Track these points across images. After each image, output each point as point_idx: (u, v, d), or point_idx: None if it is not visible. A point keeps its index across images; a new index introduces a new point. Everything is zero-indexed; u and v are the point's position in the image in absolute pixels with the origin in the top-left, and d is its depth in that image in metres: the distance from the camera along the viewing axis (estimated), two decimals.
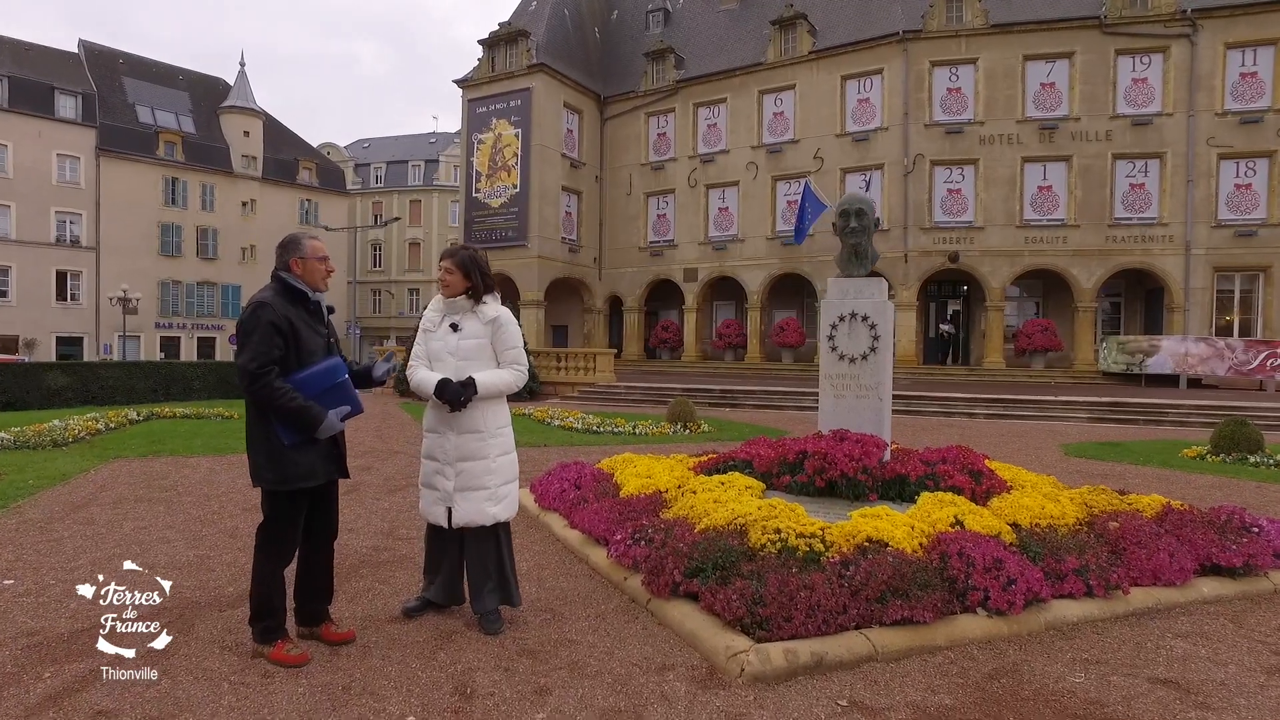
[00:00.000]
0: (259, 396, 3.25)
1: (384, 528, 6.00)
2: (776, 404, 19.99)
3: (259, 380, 3.21)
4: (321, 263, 3.55)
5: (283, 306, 3.35)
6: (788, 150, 31.37)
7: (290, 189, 48.84)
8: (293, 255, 3.48)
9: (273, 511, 3.42)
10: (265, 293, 3.39)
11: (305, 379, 3.33)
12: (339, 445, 3.56)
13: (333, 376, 3.42)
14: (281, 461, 3.32)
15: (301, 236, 3.56)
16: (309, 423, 3.29)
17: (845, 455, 5.34)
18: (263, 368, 3.22)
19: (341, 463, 3.59)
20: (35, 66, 40.41)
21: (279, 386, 3.23)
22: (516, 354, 3.82)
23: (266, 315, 3.28)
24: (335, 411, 3.38)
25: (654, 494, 5.52)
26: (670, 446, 11.61)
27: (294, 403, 3.25)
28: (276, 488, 3.35)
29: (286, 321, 3.31)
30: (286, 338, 3.31)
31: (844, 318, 6.00)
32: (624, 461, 6.83)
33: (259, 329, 3.26)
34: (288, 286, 3.44)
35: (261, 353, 3.23)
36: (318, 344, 3.45)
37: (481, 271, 3.81)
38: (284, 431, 3.30)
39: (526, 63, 32.68)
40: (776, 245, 31.55)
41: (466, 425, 3.72)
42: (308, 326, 3.43)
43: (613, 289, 36.10)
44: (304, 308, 3.45)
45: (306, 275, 3.49)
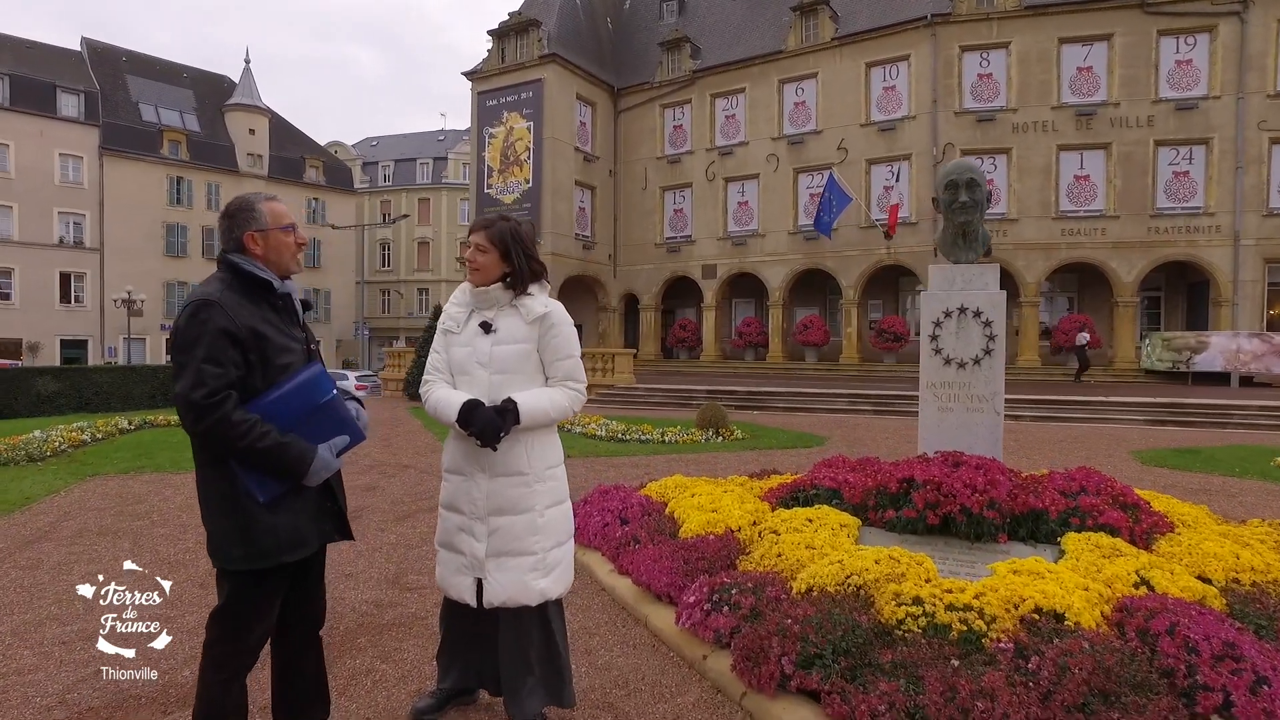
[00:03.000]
0: (213, 438, 2.18)
1: (389, 572, 4.94)
2: (807, 406, 18.88)
3: (209, 415, 2.14)
4: (288, 233, 2.44)
5: (238, 305, 2.27)
6: (810, 141, 30.21)
7: (297, 188, 47.92)
8: (247, 228, 2.38)
9: (235, 596, 2.32)
10: (211, 286, 2.30)
11: (276, 402, 2.27)
12: (335, 494, 2.50)
13: (316, 393, 2.34)
14: (254, 528, 2.25)
15: (256, 199, 2.45)
16: (292, 465, 2.24)
17: (964, 485, 4.25)
18: (212, 396, 2.15)
19: (341, 519, 2.54)
20: (37, 65, 39.61)
21: (241, 420, 2.17)
22: (572, 366, 2.76)
23: (215, 320, 2.20)
24: (328, 444, 2.33)
25: (724, 534, 4.45)
26: (706, 456, 10.54)
27: (266, 440, 2.19)
28: (249, 566, 2.26)
29: (245, 328, 2.24)
30: (246, 349, 2.24)
31: (950, 313, 4.91)
32: (676, 487, 5.75)
33: (203, 340, 2.18)
34: (243, 274, 2.35)
35: (211, 375, 2.16)
36: (293, 353, 2.38)
37: (525, 250, 2.74)
38: (256, 484, 2.23)
39: (538, 53, 31.63)
40: (799, 240, 30.42)
41: (504, 465, 2.65)
42: (277, 330, 2.35)
43: (628, 287, 35.01)
44: (269, 303, 2.38)
45: (269, 255, 2.40)
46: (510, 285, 2.72)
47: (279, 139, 47.85)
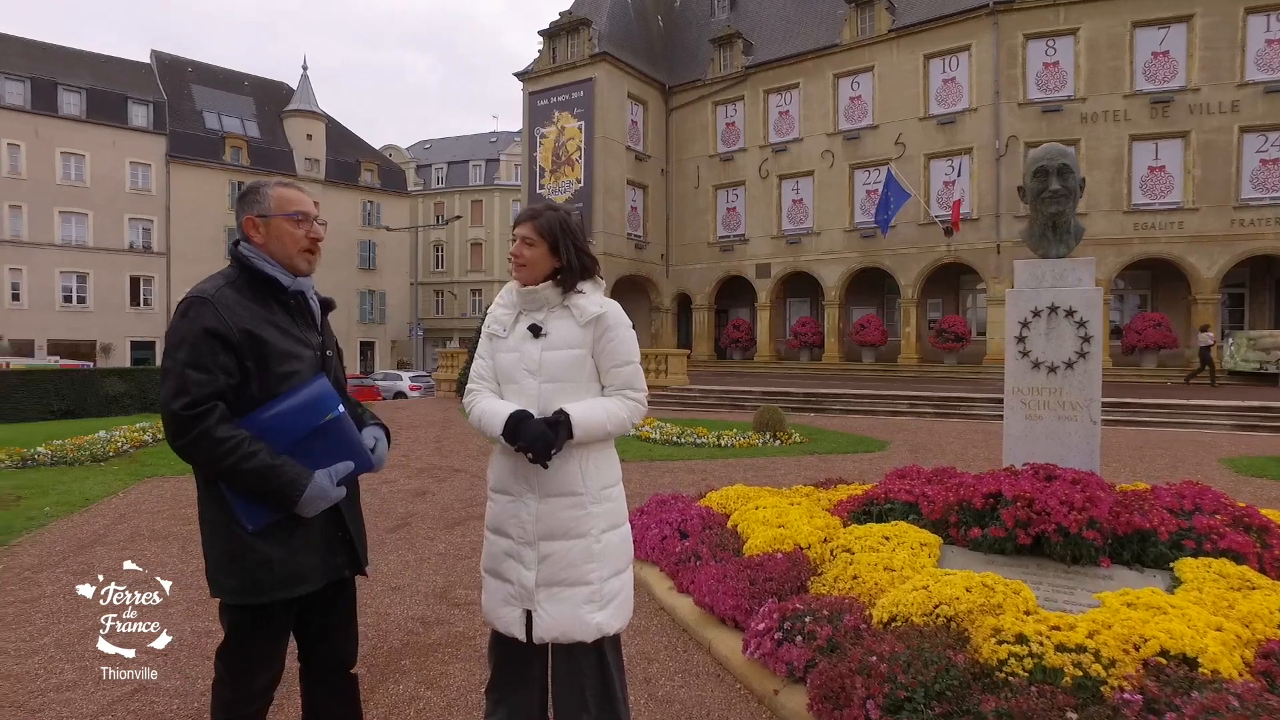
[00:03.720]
0: (195, 455, 1.91)
1: (437, 585, 4.72)
2: (866, 408, 18.30)
3: (190, 428, 1.87)
4: (297, 223, 2.13)
5: (236, 303, 2.00)
6: (866, 136, 29.45)
7: (352, 190, 48.81)
8: (249, 211, 2.11)
9: (233, 634, 2.07)
10: (211, 281, 2.05)
11: (273, 420, 1.99)
12: (344, 522, 2.18)
13: (316, 412, 2.04)
14: (246, 559, 1.98)
15: (263, 184, 2.17)
16: (281, 492, 1.94)
17: (1059, 501, 3.84)
18: (194, 406, 1.87)
19: (351, 549, 2.22)
20: (111, 78, 41.11)
21: (226, 437, 1.88)
22: (632, 373, 2.45)
23: (203, 319, 1.93)
24: (328, 471, 2.03)
25: (793, 552, 4.11)
26: (764, 461, 10.18)
27: (253, 461, 1.90)
28: (241, 600, 2.01)
29: (240, 330, 1.96)
30: (241, 355, 1.96)
31: (1039, 313, 4.49)
32: (738, 498, 5.43)
33: (188, 342, 1.92)
34: (248, 269, 2.08)
35: (194, 383, 1.88)
36: (299, 360, 2.09)
37: (576, 244, 2.45)
38: (243, 508, 1.96)
39: (589, 52, 31.51)
40: (855, 238, 29.70)
41: (556, 484, 2.37)
42: (282, 333, 2.06)
43: (681, 286, 34.65)
44: (278, 303, 2.10)
45: (271, 245, 2.11)
46: (561, 283, 2.43)
47: (335, 143, 48.77)
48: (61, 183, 38.44)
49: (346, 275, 47.99)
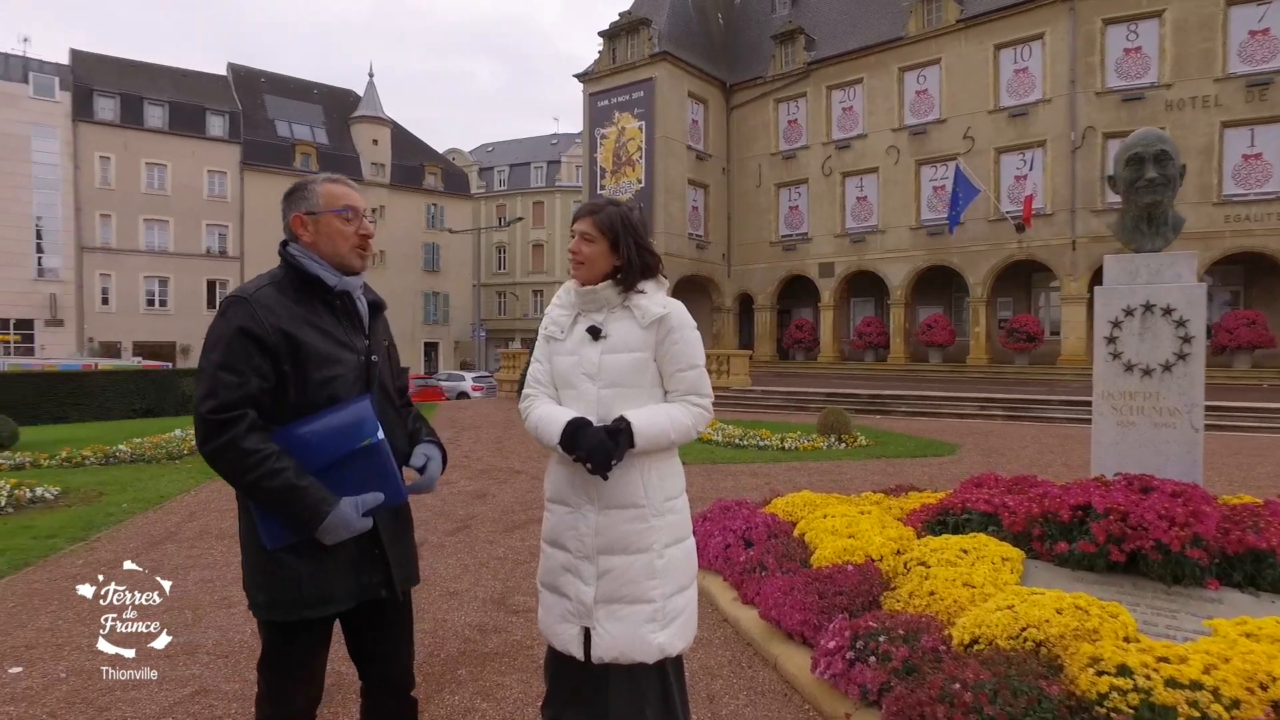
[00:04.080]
0: (219, 464, 1.80)
1: (495, 591, 4.65)
2: (932, 410, 17.75)
3: (217, 434, 1.77)
4: (347, 220, 2.02)
5: (277, 303, 1.89)
6: (933, 131, 28.65)
7: (417, 194, 49.81)
8: (295, 209, 2.01)
9: (268, 648, 2.00)
10: (255, 281, 1.97)
11: (308, 436, 1.87)
12: (381, 539, 2.02)
13: (354, 435, 1.90)
14: (275, 573, 1.89)
15: (310, 180, 2.06)
16: (302, 516, 1.81)
17: (1158, 516, 3.54)
18: (222, 410, 1.77)
19: (386, 570, 2.03)
20: (190, 91, 42.98)
21: (253, 449, 1.77)
22: (696, 378, 2.31)
23: (239, 319, 1.84)
24: (355, 500, 1.88)
25: (864, 564, 3.91)
26: (829, 465, 9.90)
27: (277, 479, 1.78)
28: (269, 616, 1.93)
29: (276, 331, 1.85)
30: (278, 357, 1.85)
31: (1132, 311, 4.17)
32: (805, 505, 5.22)
33: (222, 343, 1.83)
34: (293, 269, 1.98)
35: (224, 385, 1.78)
36: (341, 365, 1.95)
37: (638, 241, 2.31)
38: (265, 525, 1.87)
39: (648, 52, 31.44)
40: (921, 235, 28.91)
41: (617, 495, 2.24)
42: (324, 336, 1.94)
43: (742, 286, 34.29)
44: (323, 304, 1.99)
45: (320, 243, 2.00)
46: (621, 282, 2.30)
47: (400, 148, 49.84)
48: (145, 191, 40.37)
49: (411, 277, 48.99)
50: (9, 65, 37.92)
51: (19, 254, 37.53)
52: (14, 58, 38.26)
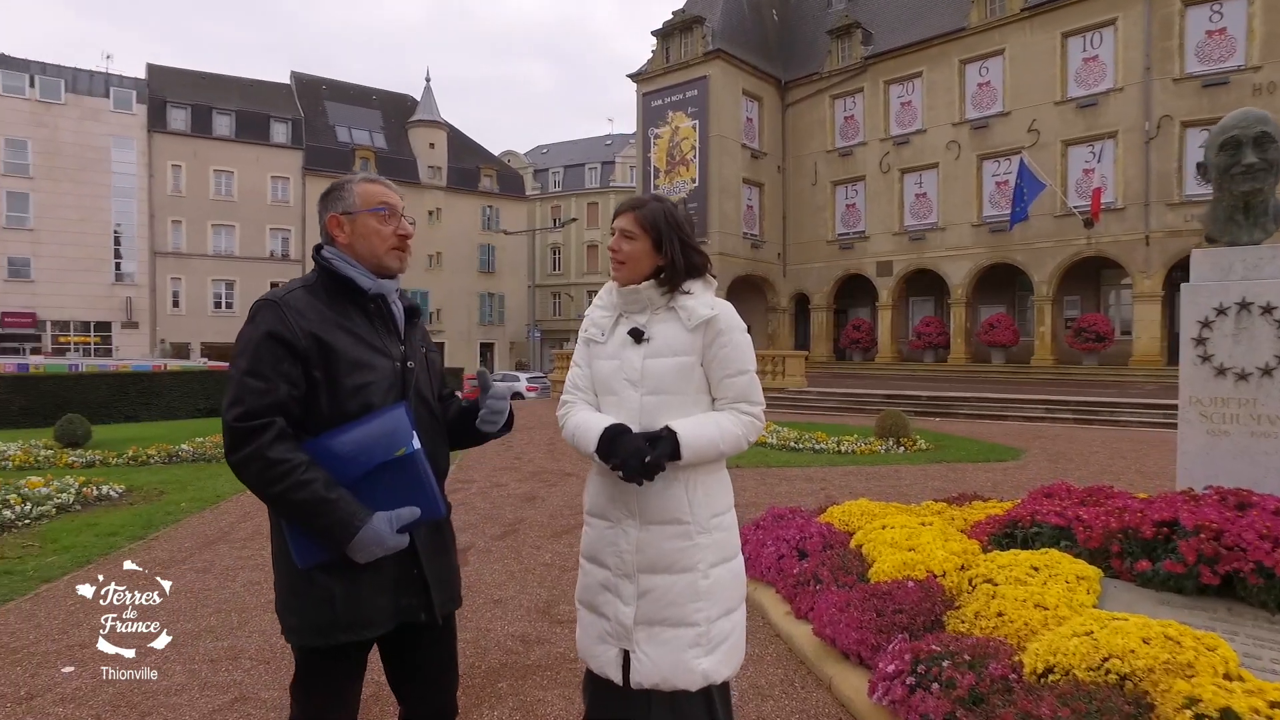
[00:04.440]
0: (245, 474, 1.69)
1: (540, 599, 4.55)
2: (996, 413, 17.15)
3: (243, 444, 1.67)
4: (384, 219, 1.92)
5: (308, 306, 1.80)
6: (995, 125, 27.77)
7: (472, 196, 50.40)
8: (332, 209, 1.92)
9: (302, 673, 1.89)
10: (289, 285, 1.88)
11: (339, 446, 1.76)
12: (420, 559, 1.89)
13: (388, 445, 1.78)
14: (308, 594, 1.77)
15: (346, 180, 1.97)
16: (332, 531, 1.69)
17: (1258, 535, 3.24)
18: (249, 418, 1.67)
19: (426, 592, 1.90)
20: (255, 99, 44.35)
21: (280, 459, 1.66)
22: (747, 384, 2.14)
23: (267, 323, 1.74)
24: (389, 515, 1.75)
25: (926, 580, 3.68)
26: (887, 470, 9.59)
27: (304, 491, 1.66)
28: (301, 640, 1.82)
29: (307, 336, 1.75)
30: (308, 363, 1.75)
31: (1225, 310, 3.85)
32: (863, 514, 4.99)
33: (251, 349, 1.73)
34: (326, 272, 1.88)
35: (250, 392, 1.69)
36: (374, 371, 1.84)
37: (683, 238, 2.16)
38: (296, 541, 1.75)
39: (702, 50, 31.21)
40: (983, 232, 28.06)
41: (659, 511, 2.09)
42: (357, 341, 1.83)
43: (798, 286, 33.79)
44: (357, 307, 1.88)
45: (356, 244, 1.90)
46: (665, 282, 2.14)
47: (456, 151, 50.52)
48: (214, 198, 41.83)
49: (467, 279, 49.65)
50: (93, 81, 39.97)
51: (99, 260, 39.42)
52: (97, 74, 40.31)
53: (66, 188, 38.66)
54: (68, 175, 38.76)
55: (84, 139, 39.05)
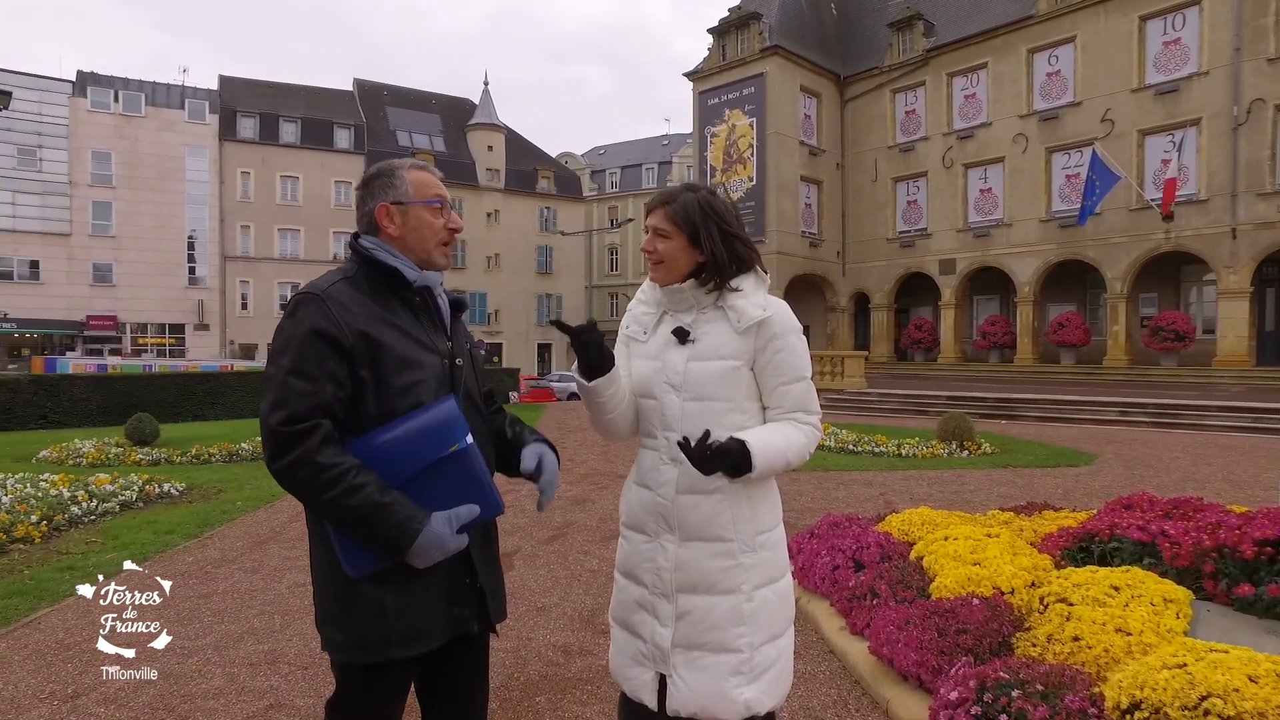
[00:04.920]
0: (292, 482, 1.56)
1: (585, 608, 4.42)
2: (1067, 415, 16.45)
3: (289, 449, 1.53)
4: (435, 211, 1.80)
5: (354, 300, 1.66)
6: (1066, 115, 26.71)
7: (530, 198, 50.92)
8: (381, 198, 1.77)
9: (343, 691, 1.75)
10: (327, 276, 1.73)
11: (387, 446, 1.62)
12: (475, 568, 1.78)
13: (439, 441, 1.65)
14: (356, 607, 1.64)
15: (396, 165, 1.82)
16: (390, 536, 1.57)
17: None
18: (294, 422, 1.53)
19: (481, 600, 1.80)
20: (320, 106, 45.80)
21: (329, 463, 1.53)
22: (803, 393, 1.96)
23: (311, 318, 1.61)
24: (448, 515, 1.63)
25: (992, 598, 3.43)
26: (950, 474, 9.22)
27: (358, 497, 1.53)
28: (347, 657, 1.68)
29: (354, 332, 1.62)
30: (355, 361, 1.61)
31: None
32: (924, 523, 4.73)
33: (293, 346, 1.60)
34: (370, 262, 1.74)
35: (296, 394, 1.55)
36: (423, 369, 1.71)
37: (723, 229, 1.96)
38: (347, 550, 1.61)
39: (759, 46, 30.83)
40: (1052, 228, 27.02)
41: (700, 525, 1.92)
42: (404, 336, 1.70)
43: (858, 285, 33.12)
44: (401, 300, 1.75)
45: (407, 236, 1.77)
46: (709, 279, 1.96)
47: (514, 153, 51.11)
48: (280, 203, 43.36)
49: (525, 279, 50.17)
50: (169, 94, 42.17)
51: (174, 264, 41.35)
52: (173, 87, 42.45)
53: (145, 196, 40.57)
54: (146, 184, 40.66)
55: (161, 149, 40.92)
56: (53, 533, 6.23)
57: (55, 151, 39.86)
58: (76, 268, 39.80)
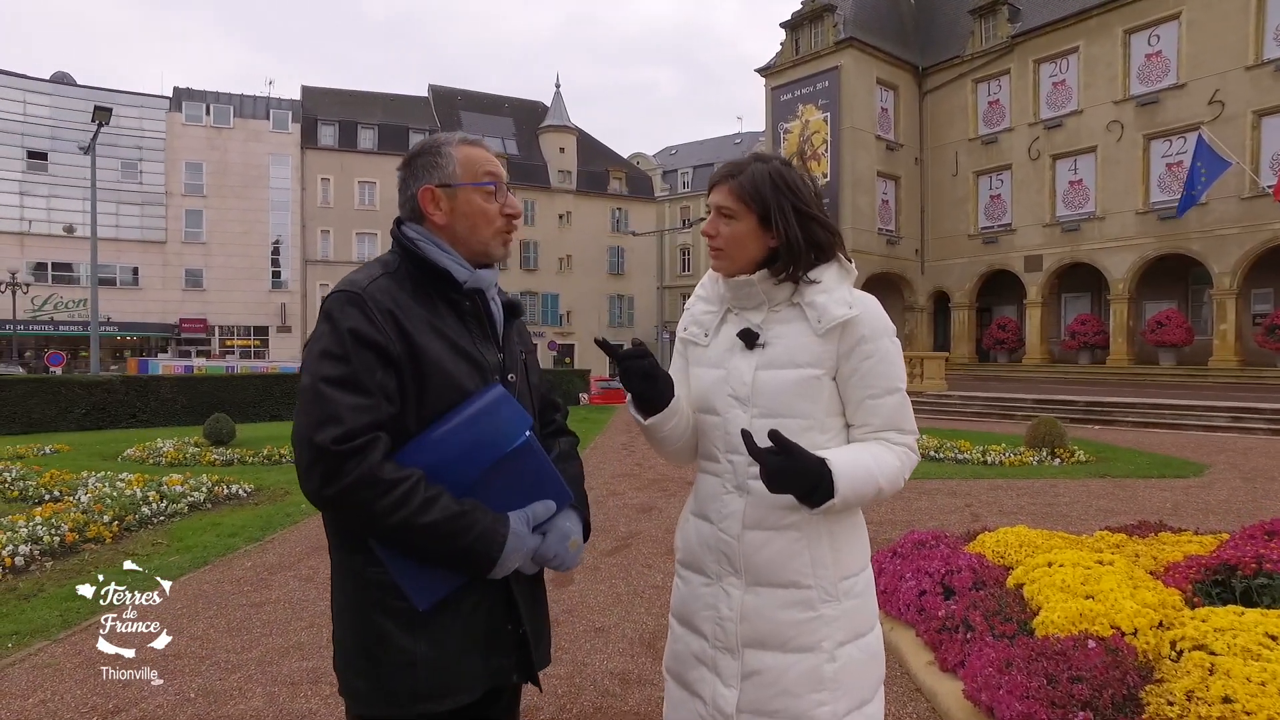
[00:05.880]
0: (352, 507, 1.29)
1: (646, 629, 4.10)
2: (1168, 420, 15.33)
3: (348, 469, 1.27)
4: (488, 195, 1.52)
5: (396, 301, 1.40)
6: (1167, 99, 25.09)
7: (602, 199, 51.05)
8: (426, 180, 1.50)
9: None
10: (367, 270, 1.46)
11: (440, 455, 1.37)
12: (518, 608, 1.50)
13: (496, 439, 1.41)
14: (386, 656, 1.38)
15: (443, 141, 1.53)
16: (475, 549, 1.35)
17: None
18: (350, 439, 1.27)
19: (524, 648, 1.52)
20: (396, 113, 47.11)
21: (395, 479, 1.29)
22: (897, 408, 1.59)
23: (351, 319, 1.35)
24: (523, 514, 1.43)
25: (1112, 639, 2.96)
26: (1042, 484, 8.60)
27: (433, 511, 1.31)
28: (368, 710, 1.41)
29: (401, 337, 1.37)
30: (401, 372, 1.37)
31: None
32: (1021, 545, 4.25)
33: (336, 353, 1.34)
34: (414, 258, 1.47)
35: (350, 408, 1.29)
36: (474, 381, 1.44)
37: (799, 208, 1.60)
38: (413, 579, 1.37)
39: (833, 39, 30.05)
40: (1150, 220, 25.43)
41: (771, 568, 1.58)
42: (450, 347, 1.43)
43: (937, 283, 31.94)
44: (445, 303, 1.47)
45: (456, 225, 1.50)
46: (782, 268, 1.61)
47: (586, 155, 51.32)
48: (358, 208, 44.80)
49: (596, 280, 50.35)
50: (255, 106, 44.17)
51: (259, 269, 43.20)
52: (259, 99, 44.50)
53: (232, 204, 42.48)
54: (234, 192, 42.54)
55: (248, 158, 42.78)
56: (124, 533, 6.28)
57: (154, 164, 42.24)
58: (171, 273, 41.98)
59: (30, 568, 5.29)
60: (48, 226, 40.27)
